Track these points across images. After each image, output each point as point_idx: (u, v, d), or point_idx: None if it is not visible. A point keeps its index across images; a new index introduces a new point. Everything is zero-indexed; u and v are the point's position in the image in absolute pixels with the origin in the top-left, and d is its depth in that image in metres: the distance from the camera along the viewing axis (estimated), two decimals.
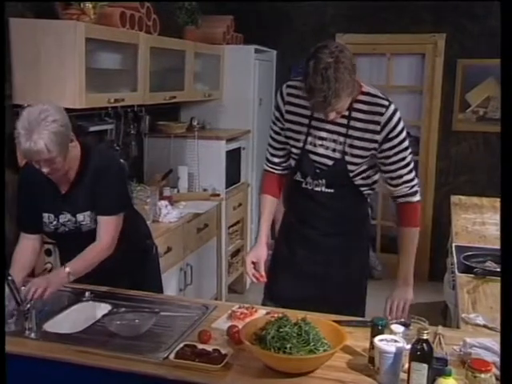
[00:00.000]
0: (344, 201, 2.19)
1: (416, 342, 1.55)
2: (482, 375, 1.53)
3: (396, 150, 2.08)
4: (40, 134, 1.95)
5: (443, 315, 3.65)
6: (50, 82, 2.77)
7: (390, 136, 2.06)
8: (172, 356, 1.72)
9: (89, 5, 2.86)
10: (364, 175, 2.17)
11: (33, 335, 1.90)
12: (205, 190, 4.19)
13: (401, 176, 2.13)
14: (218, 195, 4.15)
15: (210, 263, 4.10)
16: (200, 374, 1.66)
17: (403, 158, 2.10)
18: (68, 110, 2.95)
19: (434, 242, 5.11)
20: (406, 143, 2.10)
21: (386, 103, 2.07)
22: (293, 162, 2.22)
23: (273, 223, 2.32)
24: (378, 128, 2.05)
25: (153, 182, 3.94)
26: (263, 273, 2.14)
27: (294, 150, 2.18)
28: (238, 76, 4.54)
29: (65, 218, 2.22)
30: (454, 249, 3.01)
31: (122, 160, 3.28)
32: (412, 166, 2.14)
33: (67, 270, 2.08)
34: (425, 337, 1.54)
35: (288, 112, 2.15)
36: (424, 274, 5.17)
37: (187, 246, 3.68)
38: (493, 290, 2.39)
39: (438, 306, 3.94)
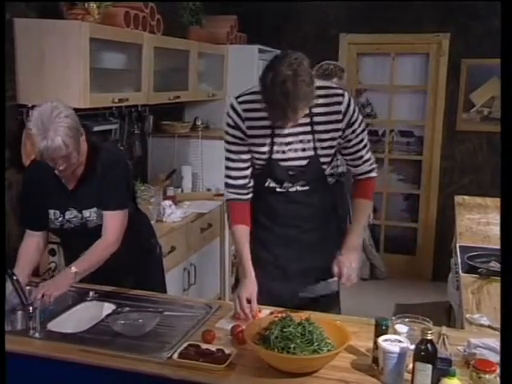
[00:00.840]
0: (318, 195, 2.22)
1: (420, 342, 1.55)
2: (487, 376, 1.53)
3: (357, 132, 2.16)
4: (56, 132, 1.97)
5: (447, 315, 3.64)
6: (55, 82, 2.78)
7: (352, 121, 2.12)
8: (176, 356, 1.73)
9: (93, 5, 2.87)
10: (333, 164, 2.23)
11: (37, 335, 1.90)
12: (208, 189, 4.19)
13: (361, 157, 2.21)
14: (222, 195, 4.12)
15: (213, 263, 4.09)
16: (204, 374, 1.66)
17: (362, 140, 2.19)
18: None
19: (438, 242, 5.10)
20: (363, 125, 2.19)
21: (341, 91, 2.12)
22: (257, 172, 2.19)
23: None
24: (340, 117, 2.10)
25: (156, 181, 3.95)
26: (255, 310, 2.02)
27: (259, 162, 2.15)
28: (241, 76, 4.53)
29: (71, 214, 2.23)
30: (458, 249, 3.00)
31: None
32: (368, 145, 2.24)
33: (73, 270, 2.09)
34: (429, 337, 1.54)
35: (249, 128, 2.11)
36: (428, 274, 5.18)
37: (191, 245, 3.68)
38: (497, 290, 2.38)
39: (442, 307, 3.94)
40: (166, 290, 2.62)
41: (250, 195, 2.19)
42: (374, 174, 2.28)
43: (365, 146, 2.21)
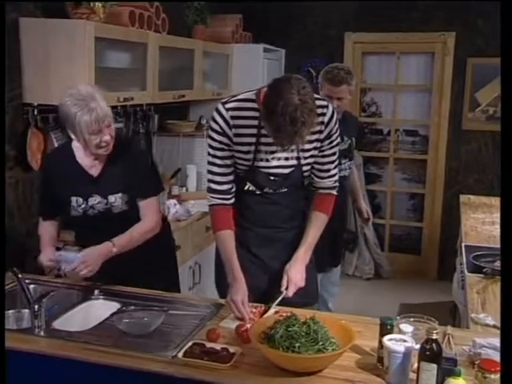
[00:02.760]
0: (295, 196, 2.25)
1: (425, 341, 1.55)
2: (492, 376, 1.52)
3: (332, 145, 2.17)
4: (98, 101, 2.09)
5: (452, 315, 3.64)
6: (60, 81, 2.78)
7: (331, 133, 2.14)
8: (180, 354, 1.73)
9: (98, 4, 2.87)
10: (310, 171, 2.23)
11: (42, 333, 1.91)
12: None
13: (328, 170, 2.22)
14: None
15: None
16: (208, 373, 1.66)
17: (334, 154, 2.20)
18: None
19: (443, 241, 5.09)
20: (338, 140, 2.20)
21: (325, 103, 2.13)
22: (237, 176, 2.18)
23: None
24: (322, 127, 2.11)
25: None
26: (250, 313, 2.02)
27: (241, 168, 2.15)
28: (246, 75, 4.53)
29: (94, 200, 2.26)
30: (463, 248, 3.00)
31: None
32: (337, 161, 2.25)
33: (111, 243, 2.20)
34: (434, 337, 1.54)
35: (236, 135, 2.10)
36: (433, 274, 5.17)
37: (196, 244, 3.69)
38: None
39: (447, 306, 3.93)
40: (179, 284, 2.63)
41: (233, 200, 2.19)
42: (334, 192, 2.27)
43: (334, 160, 2.22)
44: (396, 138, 5.23)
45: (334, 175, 2.24)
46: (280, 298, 2.09)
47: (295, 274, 2.13)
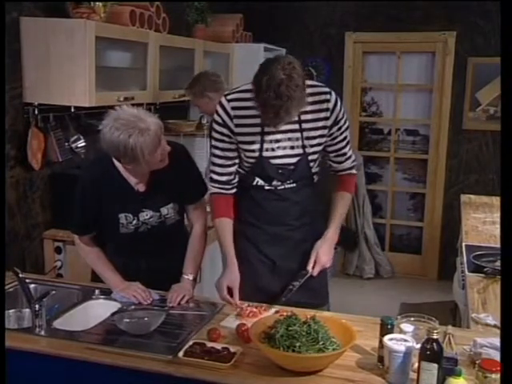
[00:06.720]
0: (305, 192, 2.25)
1: (426, 341, 1.55)
2: (493, 375, 1.52)
3: (342, 130, 2.19)
4: (147, 122, 1.97)
5: (453, 315, 3.63)
6: (61, 81, 2.79)
7: (338, 119, 2.16)
8: (181, 354, 1.73)
9: (99, 3, 2.87)
10: (318, 162, 2.25)
11: (43, 332, 1.91)
12: None
13: (345, 154, 2.27)
14: None
15: (218, 262, 4.08)
16: (209, 372, 1.66)
17: (346, 137, 2.24)
18: (78, 108, 2.98)
19: (444, 241, 5.09)
20: (348, 123, 2.23)
21: (328, 90, 2.15)
22: (245, 170, 2.20)
23: None
24: (328, 114, 2.13)
25: None
26: (237, 299, 2.08)
27: (249, 160, 2.16)
28: (247, 74, 4.44)
29: (146, 215, 2.18)
30: (463, 248, 3.00)
31: None
32: (350, 142, 2.29)
33: (190, 277, 2.23)
34: (435, 336, 1.54)
35: (238, 126, 2.11)
36: (433, 273, 5.17)
37: None
38: None
39: (447, 306, 3.93)
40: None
41: (234, 190, 2.23)
42: (354, 171, 2.33)
43: (348, 142, 2.25)
44: (396, 138, 5.23)
45: (350, 156, 2.28)
46: (306, 277, 2.13)
47: (323, 255, 2.18)
